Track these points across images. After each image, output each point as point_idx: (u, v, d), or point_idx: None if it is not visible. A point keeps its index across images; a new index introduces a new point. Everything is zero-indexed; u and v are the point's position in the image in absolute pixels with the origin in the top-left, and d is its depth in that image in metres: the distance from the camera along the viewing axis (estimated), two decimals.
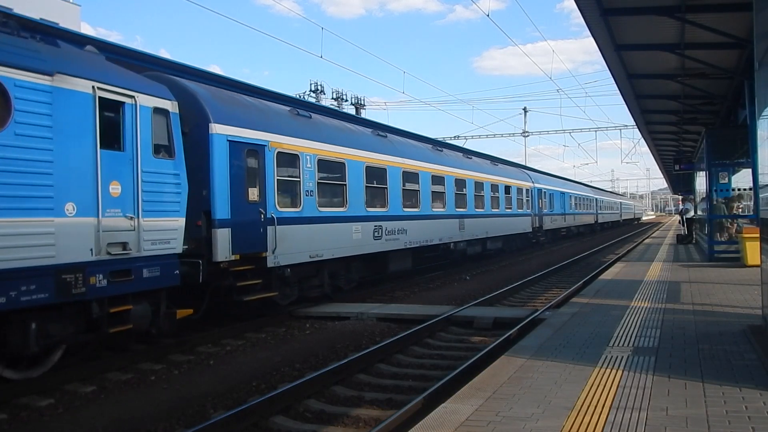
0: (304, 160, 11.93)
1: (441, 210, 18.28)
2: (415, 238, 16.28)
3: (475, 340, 9.77)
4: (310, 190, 12.06)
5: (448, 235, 18.54)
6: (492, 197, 23.00)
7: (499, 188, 24.01)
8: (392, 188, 15.38)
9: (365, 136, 15.35)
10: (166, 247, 8.59)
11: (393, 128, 19.96)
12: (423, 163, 17.34)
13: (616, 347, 6.72)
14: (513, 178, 26.53)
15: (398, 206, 15.57)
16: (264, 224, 10.74)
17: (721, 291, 10.97)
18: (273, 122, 11.54)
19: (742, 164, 17.30)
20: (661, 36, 12.29)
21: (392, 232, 15.12)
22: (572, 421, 4.42)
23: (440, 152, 19.66)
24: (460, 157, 21.93)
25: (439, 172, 18.24)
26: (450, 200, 18.92)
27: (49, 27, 8.88)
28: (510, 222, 25.29)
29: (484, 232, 21.79)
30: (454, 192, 19.27)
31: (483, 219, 21.80)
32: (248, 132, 10.66)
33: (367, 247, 14.01)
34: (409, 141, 18.77)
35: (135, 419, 6.29)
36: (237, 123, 10.45)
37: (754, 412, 4.47)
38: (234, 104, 10.95)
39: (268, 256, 10.74)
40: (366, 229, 13.96)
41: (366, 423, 6.06)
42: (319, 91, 36.76)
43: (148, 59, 11.20)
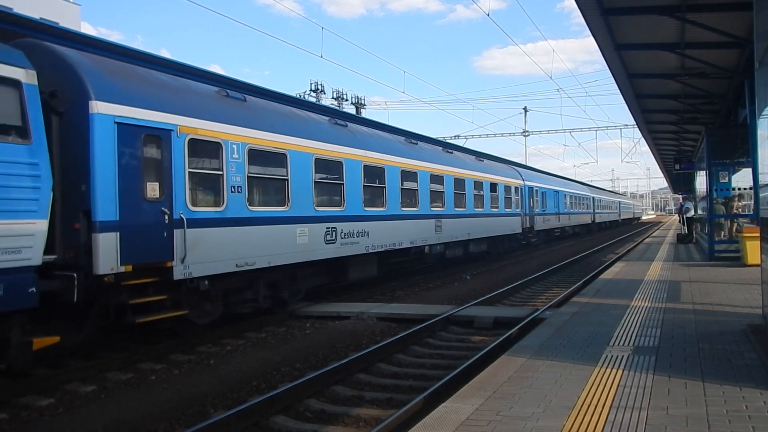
0: (229, 149, 9.93)
1: (413, 210, 16.29)
2: (379, 241, 14.32)
3: (476, 340, 9.77)
4: (238, 185, 10.05)
5: (422, 238, 16.60)
6: (475, 195, 20.96)
7: (484, 186, 21.97)
8: (350, 185, 13.34)
9: (317, 124, 13.26)
10: (13, 259, 6.72)
11: (357, 117, 18.07)
12: (391, 156, 15.38)
13: (616, 347, 6.72)
14: (500, 175, 24.43)
15: (358, 205, 13.62)
16: (169, 227, 8.71)
17: (722, 290, 10.97)
18: (186, 103, 9.45)
19: (743, 163, 17.29)
20: (661, 35, 12.28)
21: (350, 235, 13.09)
22: (572, 420, 4.42)
23: (414, 145, 17.70)
24: (439, 151, 19.79)
25: (410, 167, 16.32)
26: (424, 198, 16.99)
27: (49, 26, 8.86)
28: (496, 222, 23.23)
29: (466, 233, 19.84)
30: (429, 189, 17.35)
31: (464, 219, 19.82)
32: (147, 113, 8.65)
33: (316, 253, 11.98)
34: (376, 132, 16.65)
35: (135, 419, 6.29)
36: (130, 101, 8.46)
37: (755, 412, 4.47)
38: (129, 78, 8.91)
39: (175, 266, 8.73)
40: (315, 231, 11.95)
41: (366, 422, 6.07)
42: (319, 91, 36.78)
43: (27, 24, 9.04)
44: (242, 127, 10.34)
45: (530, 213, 27.92)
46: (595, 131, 68.86)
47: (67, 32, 9.86)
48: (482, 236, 21.58)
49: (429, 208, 17.22)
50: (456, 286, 16.28)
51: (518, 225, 26.08)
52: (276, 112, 11.99)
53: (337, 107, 32.84)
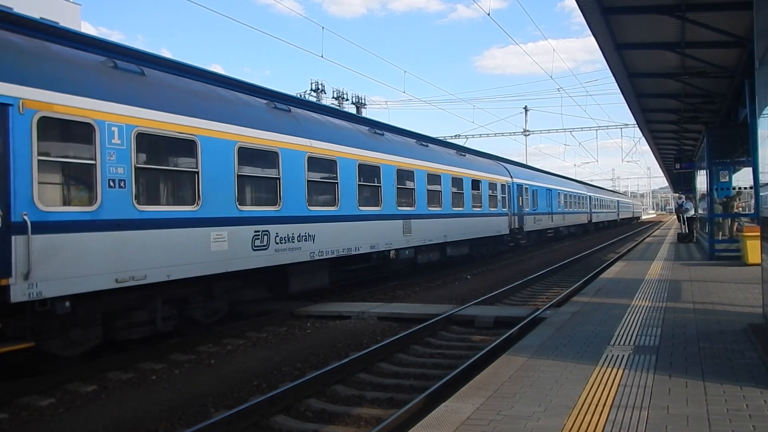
0: (106, 132, 7.78)
1: (374, 209, 14.17)
2: (330, 246, 12.26)
3: (476, 339, 9.77)
4: (120, 179, 7.94)
5: (386, 241, 14.58)
6: (454, 193, 18.88)
7: (464, 182, 19.76)
8: (289, 179, 11.20)
9: (245, 107, 10.95)
10: None
11: (304, 101, 15.36)
12: (346, 147, 13.27)
13: (617, 346, 6.72)
14: (484, 171, 22.28)
15: (299, 204, 11.50)
16: (3, 233, 6.62)
17: (722, 290, 10.97)
18: (39, 71, 7.31)
19: (743, 163, 17.29)
20: (661, 35, 12.28)
21: (288, 239, 11.02)
22: (573, 419, 4.42)
23: (378, 136, 15.61)
24: (410, 143, 17.56)
25: (372, 160, 14.18)
26: (389, 196, 14.84)
27: (49, 26, 8.85)
28: (479, 223, 21.05)
29: (442, 235, 17.80)
30: (395, 186, 15.13)
31: (440, 220, 17.74)
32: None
33: (240, 262, 9.86)
34: (328, 119, 14.20)
35: (136, 418, 6.30)
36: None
37: (755, 411, 4.47)
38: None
39: (13, 285, 6.63)
40: (238, 235, 9.83)
41: (367, 422, 6.07)
42: (320, 90, 36.76)
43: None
44: (129, 105, 8.26)
45: (519, 212, 26.04)
46: (595, 131, 68.72)
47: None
48: (462, 238, 19.52)
49: (395, 207, 15.11)
50: (456, 286, 16.28)
51: (505, 225, 24.09)
52: (183, 89, 9.76)
53: (337, 107, 32.84)
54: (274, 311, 11.86)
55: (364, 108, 38.71)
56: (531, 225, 28.06)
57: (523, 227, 26.52)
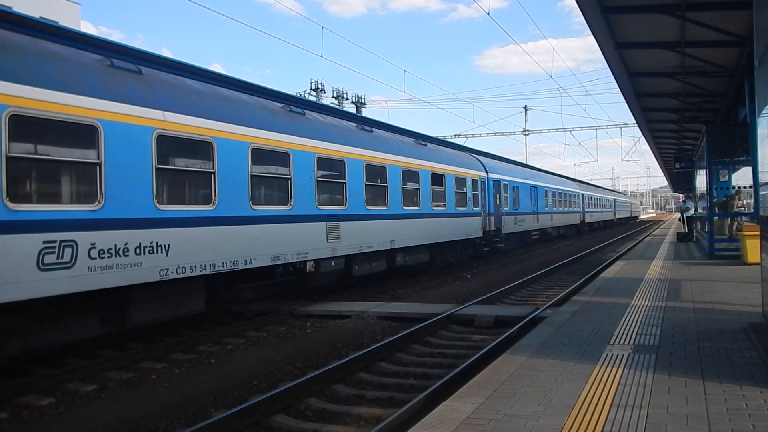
0: None
1: (279, 209, 10.99)
2: (198, 259, 9.01)
3: (476, 339, 9.78)
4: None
5: (299, 250, 11.36)
6: (406, 189, 15.89)
7: (421, 176, 16.83)
8: (121, 166, 8.01)
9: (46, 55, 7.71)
10: None
11: (166, 60, 10.72)
12: (228, 125, 9.84)
13: (616, 345, 6.73)
14: (449, 164, 19.22)
15: (140, 201, 8.30)
16: None
17: (722, 289, 10.97)
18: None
19: (743, 162, 17.30)
20: (661, 34, 12.28)
21: (117, 253, 7.83)
22: (573, 419, 4.43)
23: (291, 114, 12.15)
24: (345, 127, 14.45)
25: (275, 145, 10.93)
26: (304, 192, 11.64)
27: (49, 26, 8.84)
28: (442, 224, 18.09)
29: (388, 240, 14.74)
30: (314, 179, 12.00)
31: (385, 222, 14.69)
32: None
33: (11, 290, 6.65)
34: (204, 86, 10.44)
35: (136, 418, 6.30)
36: None
37: (755, 410, 4.48)
38: None
39: None
40: (11, 250, 6.68)
41: (367, 421, 6.07)
42: (319, 90, 36.76)
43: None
44: None
45: (496, 212, 23.04)
46: (595, 130, 68.77)
47: None
48: (419, 243, 16.55)
49: (314, 206, 11.96)
50: (456, 285, 16.28)
51: (477, 227, 21.03)
52: None
53: (338, 106, 32.83)
54: (274, 311, 11.86)
55: (364, 107, 38.70)
56: (511, 226, 25.02)
57: (501, 229, 23.50)
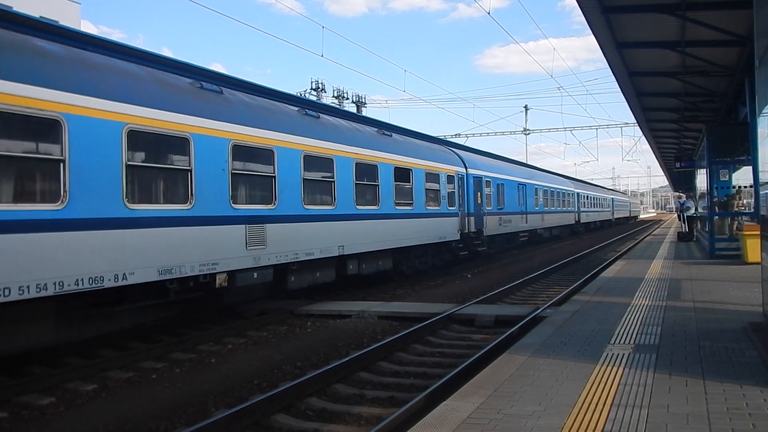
0: None
1: (172, 208, 8.85)
2: (30, 276, 6.78)
3: (477, 338, 9.78)
4: None
5: (198, 260, 9.07)
6: (361, 185, 13.73)
7: (381, 171, 14.53)
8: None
9: None
10: None
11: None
12: (98, 101, 7.78)
13: (617, 345, 6.73)
14: (418, 157, 16.86)
15: None
16: None
17: (722, 288, 10.97)
18: None
19: (743, 162, 17.30)
20: (662, 34, 12.28)
21: None
22: (573, 418, 4.43)
23: (203, 92, 9.95)
24: (284, 111, 12.10)
25: (169, 128, 8.81)
26: (213, 188, 9.50)
27: (49, 25, 8.85)
28: (408, 226, 15.76)
29: (335, 246, 12.49)
30: (229, 172, 9.81)
31: (330, 224, 12.43)
32: None
33: None
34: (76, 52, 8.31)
35: (136, 417, 6.30)
36: None
37: (755, 409, 4.48)
38: None
39: None
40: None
41: (367, 421, 6.07)
42: (320, 90, 36.76)
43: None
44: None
45: (477, 212, 20.66)
46: (595, 129, 68.64)
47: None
48: (378, 248, 14.26)
49: (228, 204, 9.78)
50: (457, 285, 16.29)
51: (453, 229, 18.72)
52: None
53: (338, 105, 32.81)
54: (274, 310, 11.86)
55: (364, 107, 38.69)
56: (494, 227, 22.65)
57: (483, 230, 21.17)
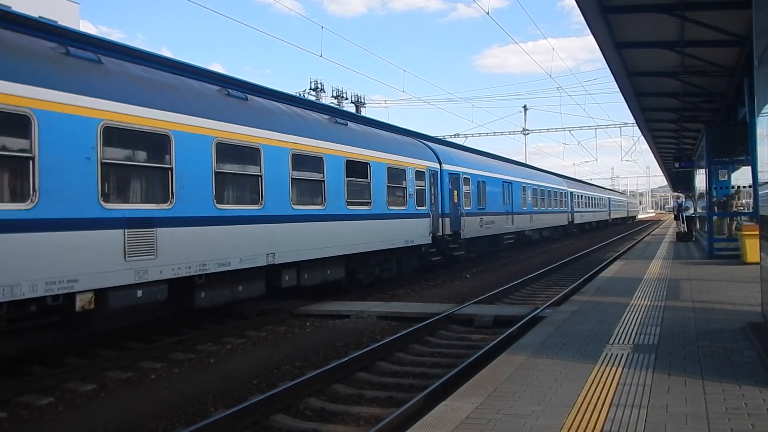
0: None
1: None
2: None
3: (476, 338, 9.78)
4: None
5: (46, 276, 7.06)
6: (300, 181, 11.59)
7: (328, 164, 12.37)
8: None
9: None
10: None
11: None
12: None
13: (616, 345, 6.73)
14: (381, 150, 14.83)
15: None
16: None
17: (721, 288, 10.98)
18: None
19: (742, 162, 17.31)
20: (661, 33, 12.28)
21: None
22: (572, 418, 4.43)
23: (79, 61, 8.04)
24: (194, 89, 10.06)
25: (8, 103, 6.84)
26: (67, 181, 7.45)
27: (48, 25, 8.84)
28: (365, 229, 13.77)
29: (263, 254, 10.35)
30: (98, 161, 7.80)
31: (257, 227, 10.35)
32: None
33: None
34: None
35: (135, 417, 6.30)
36: None
37: (754, 409, 4.48)
38: None
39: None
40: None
41: (366, 421, 6.07)
42: (319, 90, 36.74)
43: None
44: None
45: (453, 212, 18.74)
46: (594, 129, 68.60)
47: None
48: (324, 255, 12.17)
49: (97, 203, 7.78)
50: (456, 285, 16.29)
51: (424, 231, 16.69)
52: None
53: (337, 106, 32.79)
54: (274, 310, 11.86)
55: (363, 107, 38.67)
56: (474, 229, 20.63)
57: (460, 232, 19.23)
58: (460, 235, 19.17)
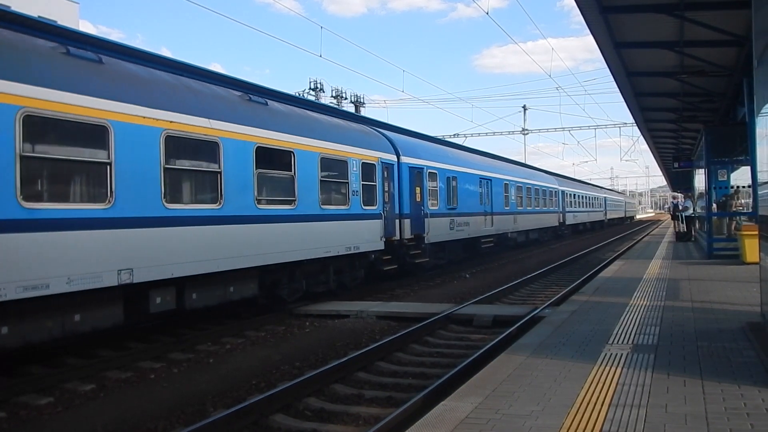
0: None
1: None
2: None
3: (475, 338, 9.78)
4: None
5: None
6: (178, 173, 9.22)
7: (226, 151, 9.81)
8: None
9: None
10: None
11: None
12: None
13: (615, 345, 6.73)
14: (312, 137, 12.13)
15: None
16: None
17: (720, 288, 10.98)
18: None
19: (741, 161, 17.32)
20: (660, 34, 12.28)
21: None
22: (572, 418, 4.43)
23: None
24: (8, 38, 7.33)
25: None
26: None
27: (48, 25, 8.83)
28: (287, 234, 11.23)
29: (116, 270, 7.84)
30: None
31: (102, 233, 7.76)
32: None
33: None
34: None
35: (135, 417, 6.30)
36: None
37: (753, 409, 4.48)
38: None
39: None
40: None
41: (366, 421, 6.07)
42: (318, 90, 36.72)
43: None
44: None
45: (414, 212, 16.29)
46: (594, 129, 68.43)
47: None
48: (224, 268, 9.71)
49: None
50: (455, 285, 16.29)
51: (374, 235, 14.20)
52: None
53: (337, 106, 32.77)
54: (273, 310, 11.85)
55: (363, 107, 38.67)
56: (442, 232, 18.28)
57: (424, 236, 16.81)
58: (423, 239, 16.84)
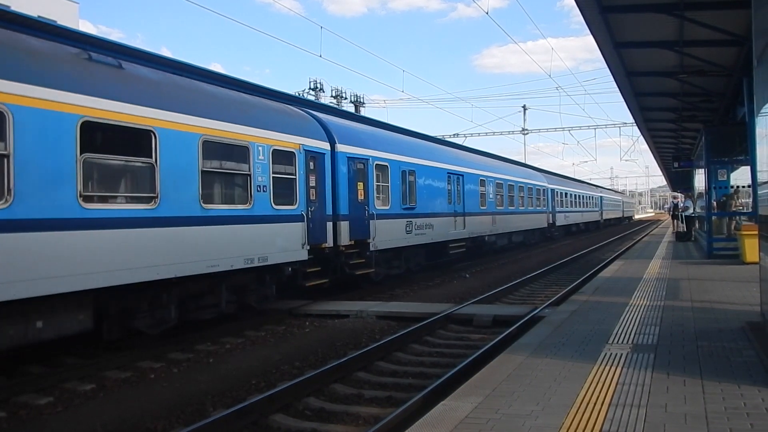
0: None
1: None
2: None
3: (475, 338, 9.78)
4: None
5: None
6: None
7: (24, 127, 6.73)
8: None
9: None
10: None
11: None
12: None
13: (615, 344, 6.73)
14: (193, 114, 9.24)
15: None
16: None
17: (720, 288, 10.98)
18: None
19: (741, 161, 17.32)
20: (660, 33, 12.28)
21: None
22: (571, 418, 4.43)
23: None
24: None
25: None
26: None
27: (47, 25, 8.83)
28: (145, 243, 8.26)
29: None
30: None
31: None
32: None
33: None
34: None
35: (134, 417, 6.29)
36: None
37: (753, 409, 4.48)
38: None
39: None
40: None
41: (366, 421, 6.07)
42: (318, 89, 36.72)
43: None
44: None
45: (356, 213, 13.67)
46: (594, 129, 68.36)
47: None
48: (26, 296, 6.69)
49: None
50: (455, 285, 16.29)
51: (293, 242, 11.43)
52: None
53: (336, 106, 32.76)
54: (272, 310, 11.85)
55: (362, 107, 38.67)
56: (395, 236, 15.44)
57: (369, 242, 14.09)
58: (369, 245, 14.04)
